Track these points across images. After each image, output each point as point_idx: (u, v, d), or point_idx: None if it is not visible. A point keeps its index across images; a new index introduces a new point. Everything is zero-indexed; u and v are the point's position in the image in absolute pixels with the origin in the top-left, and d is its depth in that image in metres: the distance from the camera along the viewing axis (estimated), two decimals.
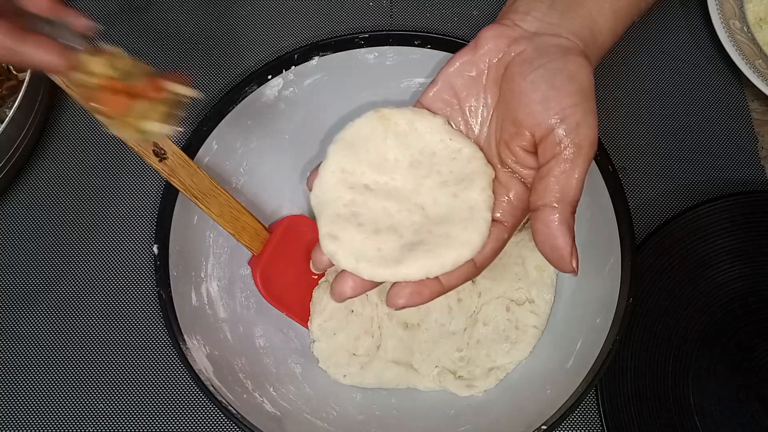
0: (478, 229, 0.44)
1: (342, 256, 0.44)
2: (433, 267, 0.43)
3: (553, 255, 0.42)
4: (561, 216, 0.42)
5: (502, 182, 0.46)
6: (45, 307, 0.62)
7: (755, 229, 0.62)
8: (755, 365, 0.58)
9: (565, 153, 0.42)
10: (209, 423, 0.59)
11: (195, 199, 0.52)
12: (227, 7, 0.73)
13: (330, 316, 0.59)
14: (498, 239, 0.46)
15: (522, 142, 0.44)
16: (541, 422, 0.51)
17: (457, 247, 0.44)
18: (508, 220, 0.46)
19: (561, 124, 0.42)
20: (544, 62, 0.44)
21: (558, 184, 0.42)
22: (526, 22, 0.46)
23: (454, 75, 0.48)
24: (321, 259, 0.47)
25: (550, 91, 0.43)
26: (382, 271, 0.43)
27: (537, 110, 0.43)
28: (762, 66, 0.66)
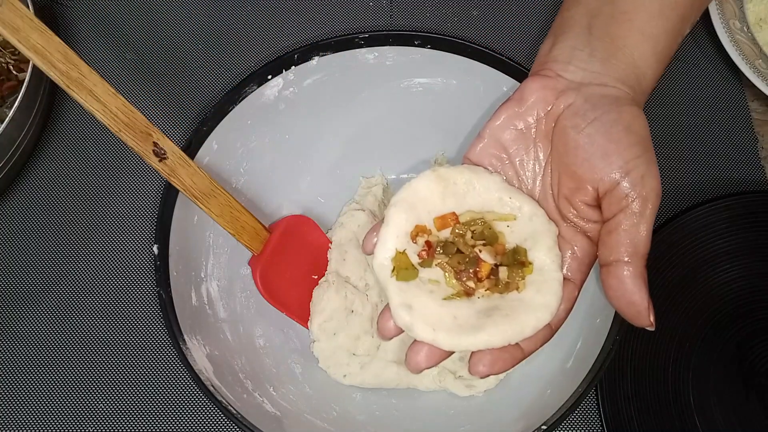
0: (553, 290, 0.43)
1: (419, 328, 0.41)
2: (513, 333, 0.41)
3: (630, 311, 0.41)
4: (635, 271, 0.41)
5: (566, 238, 0.45)
6: (45, 307, 0.62)
7: (755, 229, 0.62)
8: (755, 365, 0.58)
9: (632, 206, 0.41)
10: (209, 423, 0.59)
11: (195, 199, 0.52)
12: (227, 7, 0.73)
13: (330, 316, 0.59)
14: (570, 299, 0.44)
15: (584, 197, 0.43)
16: (541, 422, 0.51)
17: (536, 312, 0.42)
18: (576, 276, 0.45)
19: (625, 177, 0.41)
20: (598, 114, 0.43)
21: (628, 238, 0.41)
22: (569, 72, 0.45)
23: (501, 129, 0.46)
24: (389, 326, 0.44)
25: (610, 144, 0.42)
26: (462, 341, 0.41)
27: (598, 165, 0.42)
28: (762, 66, 0.66)
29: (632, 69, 0.45)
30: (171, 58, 0.71)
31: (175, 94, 0.70)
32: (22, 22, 0.43)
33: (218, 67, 0.71)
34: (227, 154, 0.60)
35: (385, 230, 0.44)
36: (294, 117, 0.62)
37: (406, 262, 0.43)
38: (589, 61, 0.45)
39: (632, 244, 0.41)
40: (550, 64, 0.46)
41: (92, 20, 0.72)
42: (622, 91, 0.44)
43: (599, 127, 0.42)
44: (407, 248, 0.44)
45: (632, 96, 0.45)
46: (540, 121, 0.46)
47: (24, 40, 0.43)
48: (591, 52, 0.45)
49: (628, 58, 0.45)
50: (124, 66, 0.70)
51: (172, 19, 0.73)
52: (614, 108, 0.43)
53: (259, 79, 0.59)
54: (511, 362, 0.42)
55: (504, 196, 0.45)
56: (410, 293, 0.43)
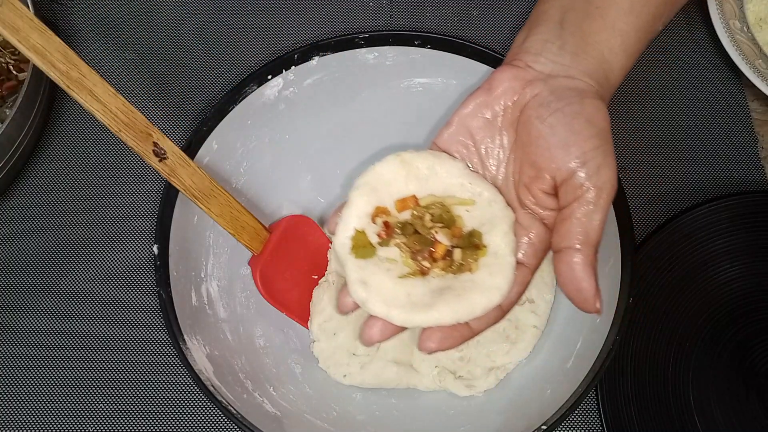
0: (504, 273, 0.45)
1: (373, 303, 0.44)
2: (464, 312, 0.43)
3: (577, 297, 0.43)
4: (585, 258, 0.42)
5: (523, 224, 0.46)
6: (45, 307, 0.62)
7: (755, 229, 0.62)
8: (755, 365, 0.58)
9: (587, 196, 0.42)
10: (209, 423, 0.59)
11: (195, 199, 0.52)
12: (227, 7, 0.73)
13: (330, 316, 0.59)
14: (522, 282, 0.46)
15: (542, 185, 0.45)
16: (541, 422, 0.51)
17: (486, 293, 0.44)
18: (531, 261, 0.46)
19: (582, 167, 0.42)
20: (561, 106, 0.44)
21: (581, 227, 0.42)
22: (539, 64, 0.46)
23: (469, 117, 0.48)
24: (346, 302, 0.46)
25: (570, 135, 0.43)
26: (414, 317, 0.43)
27: (557, 154, 0.43)
28: (762, 66, 0.66)
29: (600, 64, 0.46)
30: (171, 58, 0.71)
31: (175, 94, 0.70)
32: (22, 22, 0.43)
33: (218, 67, 0.71)
34: (227, 154, 0.60)
35: (346, 211, 0.47)
36: (294, 117, 0.62)
37: (365, 240, 0.45)
38: (559, 53, 0.46)
39: (584, 232, 0.42)
40: (521, 55, 0.47)
41: (92, 20, 0.72)
42: (588, 85, 0.45)
43: (561, 117, 0.43)
44: (367, 228, 0.46)
45: (597, 89, 0.46)
46: (507, 110, 0.47)
47: (24, 40, 0.43)
48: (562, 45, 0.46)
49: (597, 52, 0.46)
50: (124, 66, 0.70)
51: (172, 19, 0.73)
52: (577, 100, 0.44)
53: (259, 79, 0.59)
54: (460, 340, 0.44)
55: (465, 182, 0.47)
56: (368, 270, 0.45)
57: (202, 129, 0.58)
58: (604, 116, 0.44)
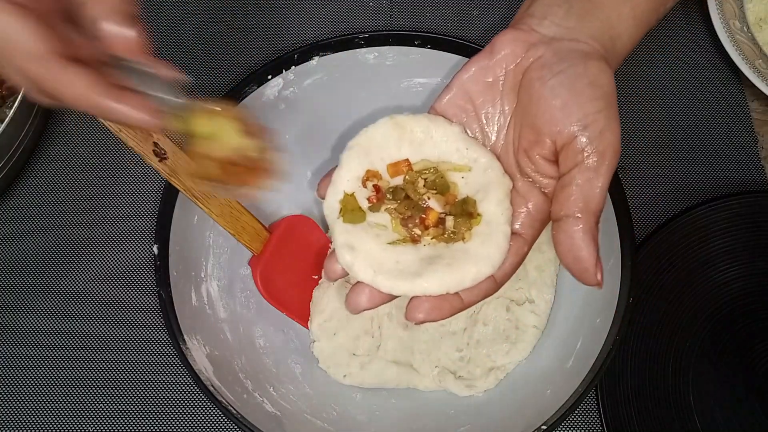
0: (497, 243, 0.43)
1: (359, 267, 0.42)
2: (452, 282, 0.42)
3: (576, 267, 0.41)
4: (585, 226, 0.40)
5: (521, 192, 0.44)
6: (45, 307, 0.62)
7: (755, 229, 0.62)
8: (755, 365, 0.58)
9: (588, 161, 0.40)
10: (209, 423, 0.59)
11: (195, 199, 0.52)
12: (227, 7, 0.73)
13: (330, 316, 0.59)
14: (518, 253, 0.44)
15: (542, 150, 0.43)
16: (541, 422, 0.51)
17: (477, 263, 0.42)
18: (528, 232, 0.44)
19: (584, 131, 0.40)
20: (564, 67, 0.42)
21: (581, 194, 0.40)
22: (543, 27, 0.45)
23: (470, 81, 0.46)
24: (334, 268, 0.44)
25: (572, 96, 0.41)
26: (400, 284, 0.41)
27: (558, 117, 0.41)
28: (762, 66, 0.66)
29: (607, 29, 0.45)
30: (171, 58, 0.71)
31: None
32: None
33: (218, 67, 0.71)
34: None
35: (337, 174, 0.45)
36: (294, 117, 0.62)
37: (354, 204, 0.44)
38: (564, 17, 0.45)
39: (584, 199, 0.40)
40: (526, 19, 0.46)
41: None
42: (593, 48, 0.44)
43: (563, 79, 0.42)
44: (358, 192, 0.44)
45: (602, 53, 0.44)
46: (509, 74, 0.45)
47: None
48: (568, 8, 0.45)
49: (604, 17, 0.45)
50: None
51: (172, 19, 0.73)
52: (581, 62, 0.42)
53: (259, 79, 0.59)
54: (449, 311, 0.42)
55: (461, 147, 0.45)
56: (356, 235, 0.43)
57: None
58: (609, 79, 0.42)
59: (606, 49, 0.44)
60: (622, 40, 0.46)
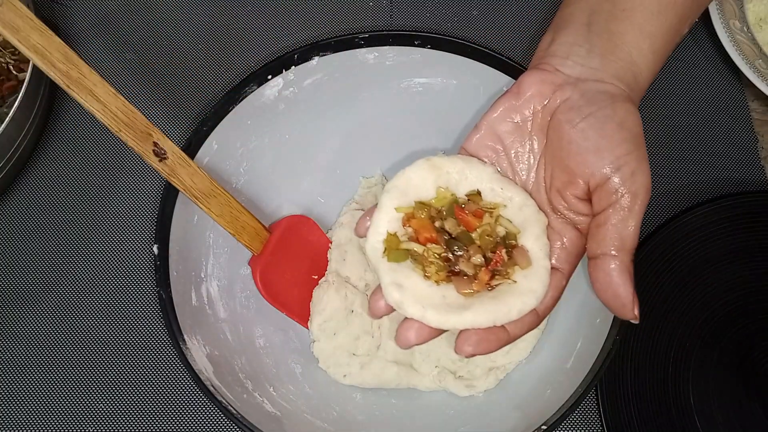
0: (540, 277, 0.44)
1: (409, 304, 0.43)
2: (499, 315, 0.43)
3: (615, 303, 0.43)
4: (621, 265, 0.42)
5: (556, 229, 0.46)
6: (45, 307, 0.62)
7: (755, 229, 0.62)
8: (755, 365, 0.58)
9: (621, 201, 0.42)
10: (209, 423, 0.59)
11: (195, 199, 0.52)
12: (227, 7, 0.73)
13: (330, 316, 0.59)
14: (557, 287, 0.45)
15: (575, 191, 0.44)
16: (541, 422, 0.51)
17: (522, 296, 0.43)
18: (564, 267, 0.46)
19: (616, 173, 0.42)
20: (593, 110, 0.43)
21: (616, 233, 0.42)
22: (567, 67, 0.46)
23: (498, 121, 0.47)
24: (379, 305, 0.45)
25: (602, 140, 0.42)
26: (449, 318, 0.42)
27: (590, 160, 0.43)
28: (762, 66, 0.66)
29: (630, 66, 0.46)
30: (171, 58, 0.71)
31: (175, 94, 0.70)
32: (22, 22, 0.43)
33: (218, 67, 0.71)
34: (227, 154, 0.60)
35: (377, 215, 0.46)
36: (294, 117, 0.62)
37: (397, 243, 0.45)
38: (587, 56, 0.46)
39: (620, 238, 0.42)
40: (548, 59, 0.47)
41: (92, 20, 0.72)
42: (618, 88, 0.45)
43: (593, 122, 0.43)
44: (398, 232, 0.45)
45: (628, 93, 0.45)
46: (536, 115, 0.46)
47: (24, 40, 0.43)
48: (590, 48, 0.46)
49: (626, 55, 0.46)
50: (124, 66, 0.70)
51: (172, 19, 0.73)
52: (609, 104, 0.43)
53: (259, 79, 0.59)
54: (497, 344, 0.43)
55: (496, 187, 0.47)
56: (401, 273, 0.44)
57: (202, 129, 0.58)
58: (636, 120, 0.44)
59: (630, 87, 0.45)
60: (643, 75, 0.47)
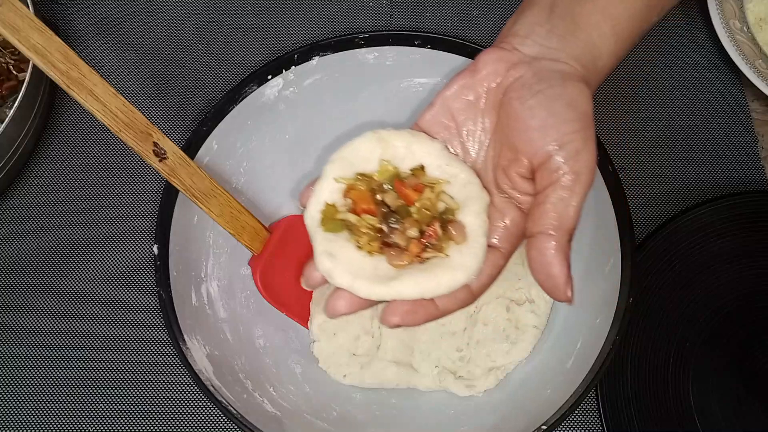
0: (474, 253, 0.43)
1: (338, 274, 0.43)
2: (428, 287, 0.42)
3: (547, 283, 0.42)
4: (557, 244, 0.41)
5: (499, 208, 0.46)
6: (45, 307, 0.62)
7: (755, 229, 0.62)
8: (755, 365, 0.58)
9: (563, 180, 0.41)
10: (209, 423, 0.59)
11: (195, 199, 0.52)
12: (227, 7, 0.73)
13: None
14: (494, 265, 0.45)
15: (519, 168, 0.44)
16: (541, 422, 0.51)
17: (453, 270, 0.43)
18: (505, 246, 0.45)
19: (560, 151, 0.41)
20: (543, 88, 0.43)
21: (555, 212, 0.41)
22: (525, 46, 0.45)
23: (452, 98, 0.47)
24: (313, 275, 0.46)
25: (549, 117, 0.42)
26: (377, 289, 0.42)
27: (535, 137, 0.42)
28: (762, 66, 0.66)
29: (589, 48, 0.45)
30: (171, 58, 0.71)
31: (175, 94, 0.70)
32: (22, 21, 0.43)
33: (218, 67, 0.71)
34: (227, 154, 0.60)
35: (319, 184, 0.46)
36: (294, 117, 0.62)
37: (334, 214, 0.45)
38: (547, 36, 0.45)
39: (558, 217, 0.41)
40: (509, 38, 0.46)
41: (92, 20, 0.72)
42: (573, 68, 0.44)
43: (542, 100, 0.42)
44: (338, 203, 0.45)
45: (583, 73, 0.45)
46: (490, 92, 0.46)
47: (24, 39, 0.43)
48: (550, 28, 0.46)
49: (586, 36, 0.45)
50: (124, 66, 0.70)
51: (172, 19, 0.73)
52: (560, 83, 0.43)
53: (259, 79, 0.59)
54: (424, 317, 0.43)
55: (442, 163, 0.46)
56: (336, 243, 0.44)
57: (202, 129, 0.58)
58: (587, 100, 0.43)
59: (587, 69, 0.45)
60: (603, 58, 0.46)
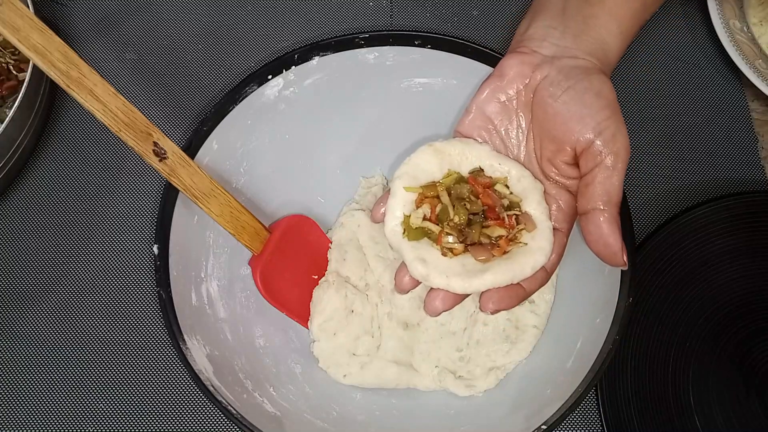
0: (545, 236, 0.49)
1: (434, 276, 0.47)
2: (516, 272, 0.47)
3: (606, 252, 0.47)
4: (610, 217, 0.46)
5: (551, 194, 0.51)
6: (45, 307, 0.62)
7: (755, 229, 0.62)
8: (755, 365, 0.58)
9: (606, 161, 0.46)
10: (209, 423, 0.59)
11: (195, 199, 0.52)
12: (227, 7, 0.73)
13: (330, 316, 0.59)
14: (560, 244, 0.50)
15: (564, 157, 0.49)
16: (541, 422, 0.51)
17: (533, 254, 0.48)
18: (563, 226, 0.50)
19: (599, 136, 0.47)
20: (572, 83, 0.48)
21: (603, 189, 0.46)
22: (543, 48, 0.51)
23: (485, 102, 0.52)
24: (404, 281, 0.50)
25: (583, 109, 0.47)
26: (472, 282, 0.46)
27: (575, 128, 0.47)
28: (762, 66, 0.66)
29: (600, 44, 0.51)
30: (171, 58, 0.71)
31: (175, 94, 0.70)
32: (22, 21, 0.43)
33: (218, 67, 0.71)
34: (227, 154, 0.60)
35: (392, 200, 0.50)
36: (294, 117, 0.62)
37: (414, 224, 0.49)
38: (561, 37, 0.51)
39: (606, 193, 0.46)
40: (526, 42, 0.52)
41: (92, 20, 0.72)
42: (591, 62, 0.50)
43: (573, 94, 0.48)
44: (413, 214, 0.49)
45: (600, 67, 0.50)
46: (520, 93, 0.51)
47: (24, 39, 0.43)
48: (564, 30, 0.51)
49: (597, 34, 0.51)
50: (124, 66, 0.70)
51: (172, 19, 0.73)
52: (585, 77, 0.48)
53: (259, 79, 0.59)
54: (516, 299, 0.48)
55: (494, 163, 0.51)
56: (423, 250, 0.48)
57: (202, 129, 0.58)
58: (611, 88, 0.48)
59: (601, 62, 0.51)
60: (613, 53, 0.52)
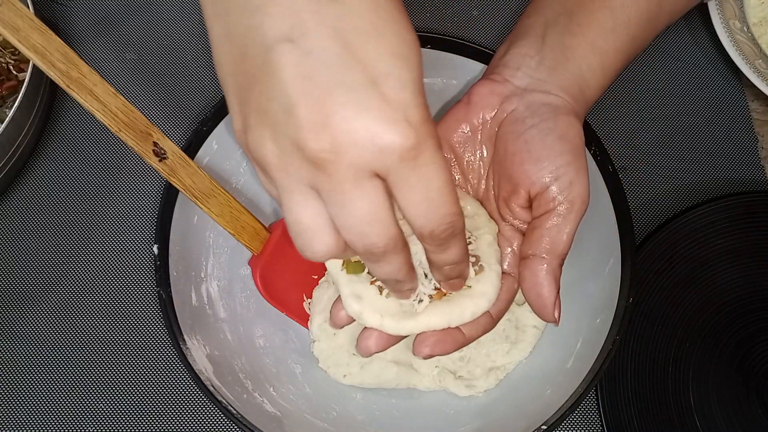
0: (491, 281, 0.46)
1: (367, 314, 0.45)
2: (453, 316, 0.44)
3: (537, 302, 0.45)
4: (549, 267, 0.44)
5: (506, 236, 0.48)
6: (45, 307, 0.62)
7: (755, 229, 0.62)
8: (755, 365, 0.58)
9: (558, 209, 0.44)
10: (209, 423, 0.59)
11: (195, 199, 0.52)
12: None
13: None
14: (509, 290, 0.47)
15: (518, 200, 0.46)
16: (541, 422, 0.51)
17: (474, 299, 0.45)
18: (515, 271, 0.47)
19: (555, 182, 0.44)
20: (536, 122, 0.45)
21: (549, 237, 0.44)
22: (516, 78, 0.47)
23: (449, 131, 0.49)
24: (341, 315, 0.47)
25: (543, 151, 0.44)
26: (405, 324, 0.44)
27: (531, 170, 0.44)
28: (762, 66, 0.66)
29: (578, 80, 0.48)
30: (171, 58, 0.71)
31: (175, 94, 0.70)
32: (22, 21, 0.43)
33: None
34: (227, 154, 0.60)
35: None
36: None
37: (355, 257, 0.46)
38: (537, 68, 0.48)
39: (551, 242, 0.44)
40: (500, 69, 0.49)
41: (92, 20, 0.72)
42: (563, 100, 0.47)
43: (535, 134, 0.45)
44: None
45: (572, 105, 0.47)
46: (485, 124, 0.48)
47: (24, 39, 0.43)
48: (540, 60, 0.48)
49: (575, 68, 0.48)
50: (124, 66, 0.70)
51: (172, 19, 0.73)
52: (551, 116, 0.45)
53: None
54: (453, 345, 0.45)
55: None
56: (360, 285, 0.45)
57: (202, 129, 0.58)
58: (577, 132, 0.45)
59: (576, 99, 0.47)
60: (591, 89, 0.49)
